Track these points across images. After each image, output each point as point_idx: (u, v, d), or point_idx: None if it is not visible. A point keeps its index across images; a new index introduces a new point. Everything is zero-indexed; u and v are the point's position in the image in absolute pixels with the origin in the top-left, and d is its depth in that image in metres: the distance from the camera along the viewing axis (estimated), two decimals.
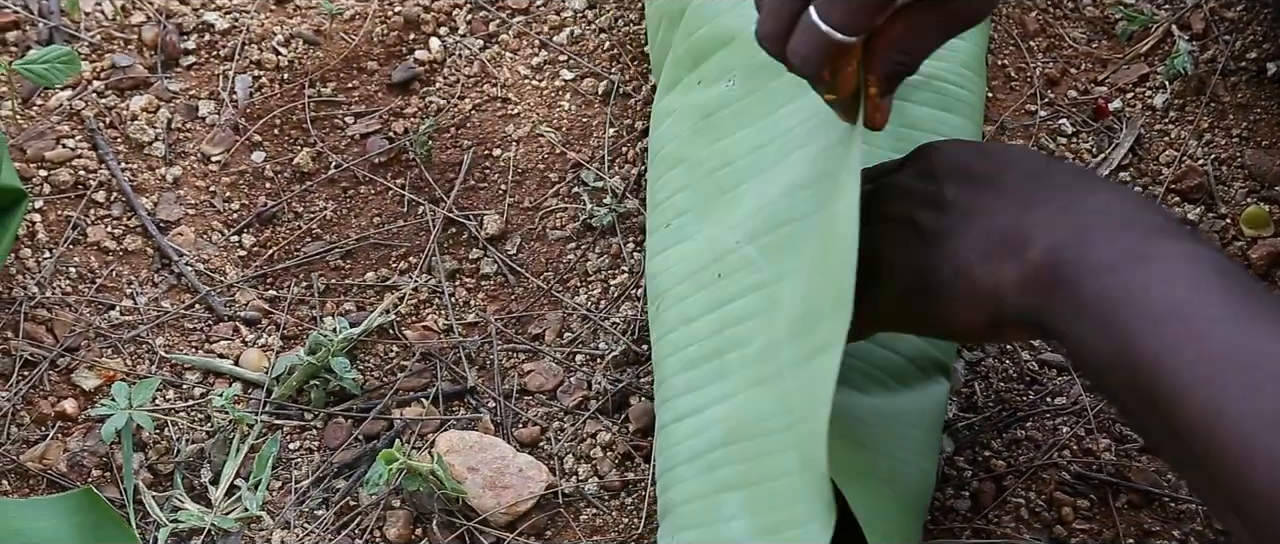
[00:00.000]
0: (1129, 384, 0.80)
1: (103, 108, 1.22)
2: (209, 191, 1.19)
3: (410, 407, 1.10)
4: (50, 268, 1.15)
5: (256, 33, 1.25)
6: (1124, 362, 0.80)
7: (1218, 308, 0.80)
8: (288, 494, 1.06)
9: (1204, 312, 0.80)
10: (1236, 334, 0.79)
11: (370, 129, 1.21)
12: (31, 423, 1.09)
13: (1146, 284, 0.81)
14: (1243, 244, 1.14)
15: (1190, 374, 0.78)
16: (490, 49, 1.25)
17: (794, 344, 0.92)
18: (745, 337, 0.98)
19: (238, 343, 1.13)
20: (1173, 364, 0.79)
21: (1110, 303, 0.81)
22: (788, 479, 0.90)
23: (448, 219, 1.18)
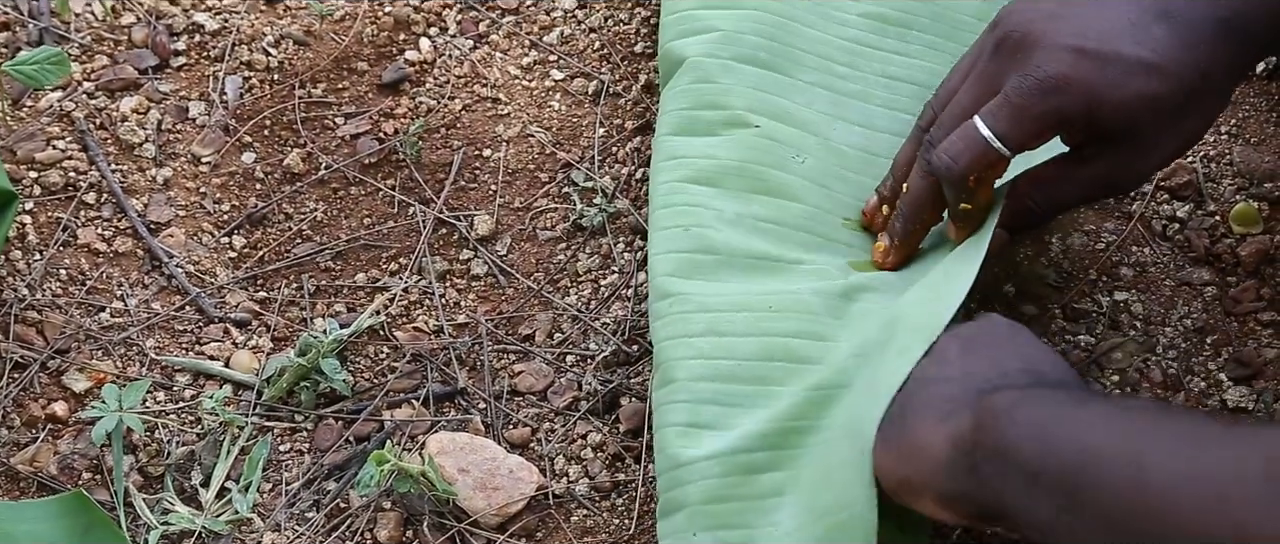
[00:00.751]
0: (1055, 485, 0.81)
1: (93, 109, 1.22)
2: (199, 193, 1.19)
3: (401, 408, 1.10)
4: (40, 269, 1.15)
5: (246, 34, 1.25)
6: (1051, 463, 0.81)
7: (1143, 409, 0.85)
8: (278, 496, 1.06)
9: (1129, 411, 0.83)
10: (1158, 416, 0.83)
11: (360, 130, 1.21)
12: (22, 425, 1.09)
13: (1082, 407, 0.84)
14: (1232, 241, 1.14)
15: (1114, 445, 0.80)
16: (480, 49, 1.25)
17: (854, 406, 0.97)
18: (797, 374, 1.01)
19: (228, 344, 1.13)
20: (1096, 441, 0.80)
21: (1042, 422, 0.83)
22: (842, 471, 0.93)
23: (438, 220, 1.17)
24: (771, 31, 1.15)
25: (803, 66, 1.15)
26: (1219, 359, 1.10)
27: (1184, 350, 1.10)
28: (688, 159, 1.10)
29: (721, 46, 1.14)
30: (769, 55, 1.14)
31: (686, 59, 1.14)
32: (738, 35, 1.15)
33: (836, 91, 1.15)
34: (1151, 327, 1.11)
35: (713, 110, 1.12)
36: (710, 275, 1.06)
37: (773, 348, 1.02)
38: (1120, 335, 1.11)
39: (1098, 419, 0.82)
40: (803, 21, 1.17)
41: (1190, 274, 1.13)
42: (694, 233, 1.07)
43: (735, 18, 1.16)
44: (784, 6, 1.17)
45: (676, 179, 1.10)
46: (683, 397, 1.01)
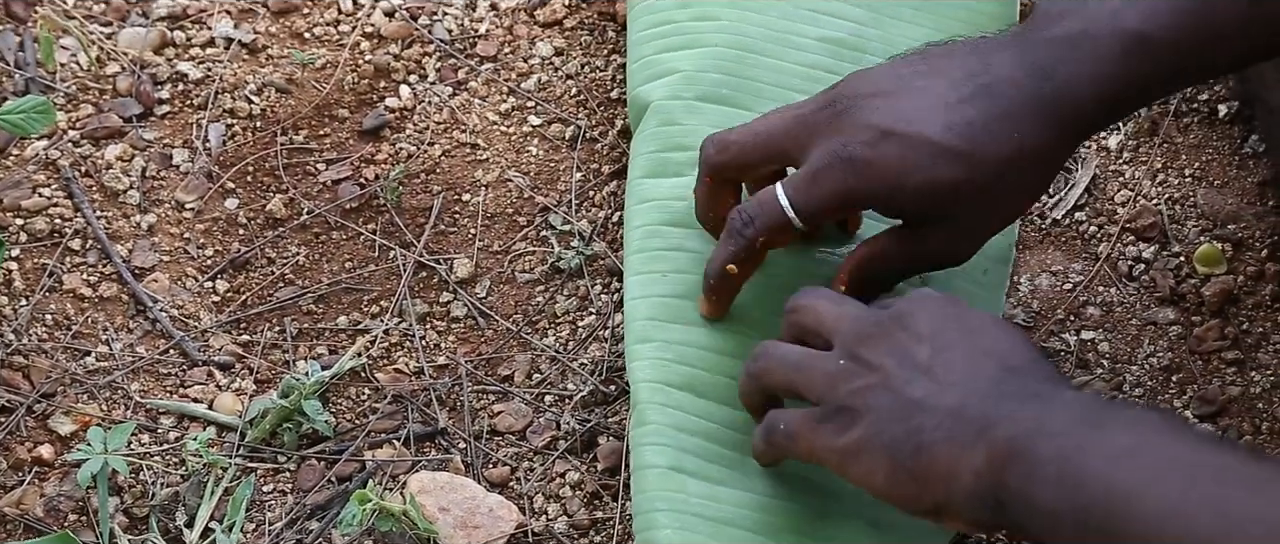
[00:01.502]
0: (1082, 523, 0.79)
1: (78, 157, 1.22)
2: (183, 238, 1.19)
3: (382, 448, 1.10)
4: (26, 315, 1.14)
5: (229, 82, 1.25)
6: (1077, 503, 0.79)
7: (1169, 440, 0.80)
8: (262, 536, 1.06)
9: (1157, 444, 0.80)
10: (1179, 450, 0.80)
11: (342, 175, 1.21)
12: (8, 468, 1.09)
13: (1101, 436, 0.81)
14: (1196, 282, 1.14)
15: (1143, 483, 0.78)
16: (459, 96, 1.25)
17: None
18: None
19: (212, 387, 1.12)
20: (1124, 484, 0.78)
21: (1064, 456, 0.80)
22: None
23: (418, 263, 1.17)
24: (730, 67, 1.16)
25: (762, 98, 1.14)
26: (1184, 397, 1.10)
27: (1150, 388, 1.10)
28: (661, 201, 1.11)
29: (684, 87, 1.15)
30: (730, 90, 1.15)
31: (652, 103, 1.15)
32: (699, 74, 1.15)
33: None
34: (1118, 365, 1.11)
35: (680, 151, 1.12)
36: (689, 321, 1.06)
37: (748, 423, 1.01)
38: (1088, 374, 1.11)
39: (1123, 456, 0.79)
40: (761, 52, 1.17)
41: (1156, 314, 1.13)
42: (671, 278, 1.08)
43: (695, 56, 1.16)
44: (742, 39, 1.17)
45: (652, 223, 1.10)
46: (664, 440, 1.01)
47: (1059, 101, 0.94)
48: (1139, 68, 0.94)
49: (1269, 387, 1.10)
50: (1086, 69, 0.94)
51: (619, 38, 1.26)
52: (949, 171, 0.94)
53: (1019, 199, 0.99)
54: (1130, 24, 0.94)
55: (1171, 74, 0.96)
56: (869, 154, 0.95)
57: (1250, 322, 1.13)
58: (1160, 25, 0.93)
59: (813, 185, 0.97)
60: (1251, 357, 1.11)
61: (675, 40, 1.18)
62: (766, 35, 1.18)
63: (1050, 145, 0.96)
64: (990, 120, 0.94)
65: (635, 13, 1.21)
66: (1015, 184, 0.97)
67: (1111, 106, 0.96)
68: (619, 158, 1.21)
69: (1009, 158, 0.95)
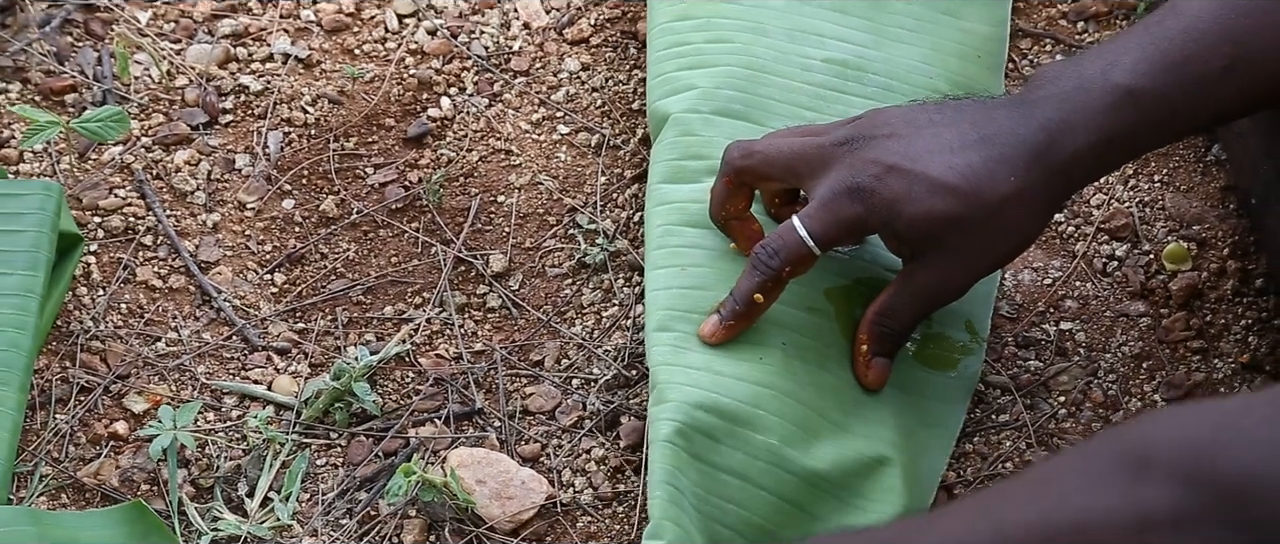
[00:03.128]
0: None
1: (150, 161, 1.22)
2: (245, 235, 1.20)
3: (424, 426, 1.10)
4: (103, 304, 1.15)
5: (287, 94, 1.25)
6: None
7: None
8: (315, 505, 1.07)
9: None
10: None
11: (388, 179, 1.22)
12: (87, 443, 1.10)
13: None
14: (1164, 277, 1.15)
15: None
16: (495, 107, 1.25)
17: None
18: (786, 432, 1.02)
19: (270, 370, 1.13)
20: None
21: None
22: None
23: (457, 258, 1.18)
24: (744, 84, 1.16)
25: (773, 114, 1.15)
26: (1153, 382, 1.11)
27: (1123, 374, 1.11)
28: (679, 204, 1.11)
29: (701, 102, 1.15)
30: (743, 106, 1.15)
31: (671, 115, 1.15)
32: (714, 91, 1.15)
33: None
34: (1094, 353, 1.12)
35: (696, 160, 1.12)
36: (704, 311, 1.05)
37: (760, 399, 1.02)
38: (1066, 361, 1.11)
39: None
40: (771, 72, 1.17)
41: (1128, 307, 1.14)
42: (689, 272, 1.07)
43: (711, 75, 1.16)
44: (754, 60, 1.17)
45: (671, 223, 1.10)
46: (681, 418, 1.00)
47: (1053, 149, 0.96)
48: (1127, 120, 0.96)
49: (1230, 372, 1.10)
50: (1079, 120, 0.95)
51: (640, 54, 1.26)
52: (945, 205, 0.96)
53: (1012, 239, 0.99)
54: (1120, 79, 0.95)
55: (1157, 125, 0.97)
56: (875, 185, 0.97)
57: (1213, 314, 1.13)
58: (1146, 81, 0.95)
59: (825, 213, 0.98)
60: (1214, 345, 1.12)
61: (692, 60, 1.18)
62: (776, 57, 1.18)
63: (1044, 190, 0.97)
64: (990, 163, 0.96)
65: (654, 34, 1.21)
66: (1010, 224, 0.98)
67: (1103, 154, 0.97)
68: (640, 163, 1.21)
69: (1005, 198, 0.96)
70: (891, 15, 1.22)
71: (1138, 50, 0.96)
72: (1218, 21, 0.95)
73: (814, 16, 1.21)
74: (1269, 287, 1.14)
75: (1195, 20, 0.95)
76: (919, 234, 0.97)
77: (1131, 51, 0.96)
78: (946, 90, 1.18)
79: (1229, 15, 0.95)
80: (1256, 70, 0.95)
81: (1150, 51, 0.95)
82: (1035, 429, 1.08)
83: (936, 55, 1.21)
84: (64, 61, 1.27)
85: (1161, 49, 0.95)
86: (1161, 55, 0.95)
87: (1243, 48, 0.94)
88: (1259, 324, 1.12)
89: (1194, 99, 0.96)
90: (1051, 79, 0.98)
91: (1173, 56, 0.95)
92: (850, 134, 1.00)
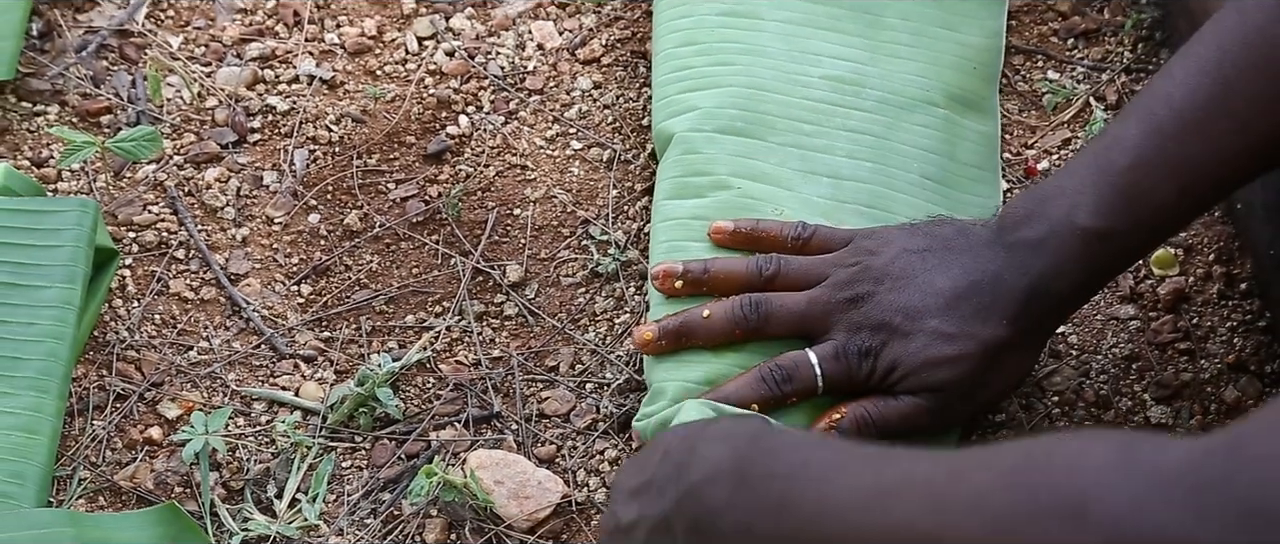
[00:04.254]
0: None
1: (182, 178, 1.23)
2: (272, 248, 1.20)
3: (445, 429, 1.10)
4: (138, 315, 1.15)
5: (312, 113, 1.26)
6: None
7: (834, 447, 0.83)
8: (341, 506, 1.07)
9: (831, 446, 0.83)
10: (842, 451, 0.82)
11: (409, 194, 1.22)
12: (123, 448, 1.10)
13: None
14: (1153, 282, 1.15)
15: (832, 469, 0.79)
16: (511, 124, 1.26)
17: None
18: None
19: (298, 377, 1.13)
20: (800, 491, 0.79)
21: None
22: None
23: (475, 269, 1.18)
24: (745, 103, 1.16)
25: (774, 130, 1.15)
26: (1143, 382, 1.10)
27: (1113, 375, 1.11)
28: (682, 221, 1.11)
29: (704, 122, 1.15)
30: (744, 124, 1.15)
31: (675, 135, 1.15)
32: (717, 110, 1.15)
33: (805, 148, 1.15)
34: (1085, 354, 1.12)
35: (699, 177, 1.12)
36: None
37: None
38: (1058, 362, 1.11)
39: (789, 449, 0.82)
40: (772, 90, 1.17)
41: (1118, 310, 1.14)
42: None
43: (714, 95, 1.16)
44: (755, 80, 1.17)
45: (675, 239, 1.10)
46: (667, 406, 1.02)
47: (1038, 295, 0.98)
48: (1101, 260, 0.98)
49: (1216, 373, 1.10)
50: (1052, 265, 0.98)
51: (649, 73, 1.26)
52: (941, 352, 0.98)
53: (1007, 379, 1.01)
54: (1087, 223, 0.97)
55: (1129, 254, 1.01)
56: (881, 350, 1.00)
57: (1200, 316, 1.13)
58: (1111, 221, 0.97)
59: (836, 364, 1.00)
60: (1201, 347, 1.12)
61: (695, 83, 1.18)
62: (776, 76, 1.18)
63: (1034, 333, 1.00)
64: (981, 310, 0.98)
65: (658, 60, 1.21)
66: (1003, 366, 1.00)
67: (1080, 291, 1.00)
68: (649, 178, 1.20)
69: (1000, 344, 0.98)
70: (888, 31, 1.23)
71: (1094, 191, 0.97)
72: (1160, 152, 0.96)
73: (812, 37, 1.21)
74: (1253, 289, 1.14)
75: (1139, 155, 0.96)
76: (920, 381, 0.99)
77: (1088, 192, 0.97)
78: (941, 103, 1.19)
79: (1167, 144, 0.96)
80: (1205, 186, 0.97)
81: (1107, 193, 0.97)
82: (1031, 428, 1.08)
83: (933, 68, 1.21)
84: (99, 84, 1.28)
85: (1117, 188, 0.97)
86: (1118, 195, 0.96)
87: (1187, 170, 0.96)
88: (1244, 326, 1.12)
89: (1155, 228, 0.99)
90: (1022, 222, 0.99)
91: (1130, 193, 0.96)
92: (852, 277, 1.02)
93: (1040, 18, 1.30)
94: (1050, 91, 1.25)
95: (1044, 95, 1.26)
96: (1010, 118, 1.25)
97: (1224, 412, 1.09)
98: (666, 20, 1.23)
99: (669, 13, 1.23)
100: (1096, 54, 1.28)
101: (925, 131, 1.17)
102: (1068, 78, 1.27)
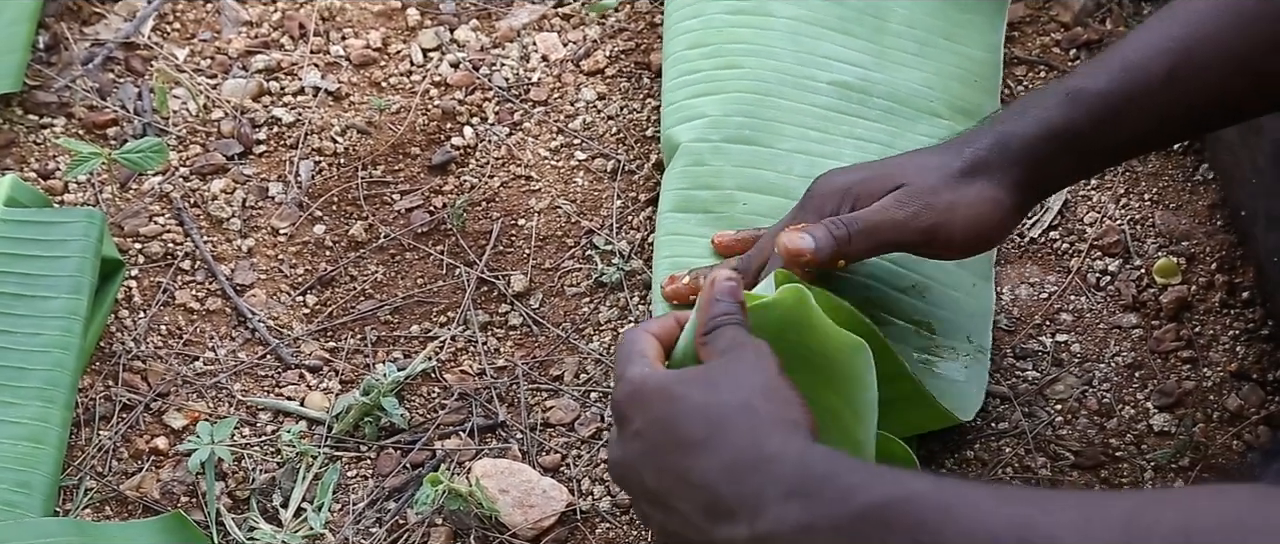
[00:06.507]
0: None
1: (188, 190, 1.23)
2: (278, 259, 1.20)
3: (450, 439, 1.10)
4: (144, 326, 1.15)
5: (317, 125, 1.26)
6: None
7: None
8: (346, 515, 1.06)
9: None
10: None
11: (414, 204, 1.22)
12: (129, 457, 1.10)
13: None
14: (1155, 291, 1.15)
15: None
16: (515, 135, 1.26)
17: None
18: None
19: (303, 387, 1.13)
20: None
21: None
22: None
23: (480, 279, 1.18)
24: (752, 109, 1.16)
25: (782, 136, 1.15)
26: (1145, 390, 1.10)
27: (1116, 383, 1.11)
28: (685, 235, 1.11)
29: (711, 131, 1.15)
30: (752, 131, 1.15)
31: (681, 145, 1.15)
32: (724, 118, 1.15)
33: (811, 154, 1.15)
34: (1088, 363, 1.11)
35: (706, 190, 1.13)
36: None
37: None
38: (1062, 370, 1.11)
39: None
40: (779, 95, 1.17)
41: (1120, 319, 1.14)
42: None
43: (721, 102, 1.16)
44: (762, 84, 1.17)
45: (677, 255, 1.10)
46: None
47: (1007, 138, 1.00)
48: (1073, 116, 0.99)
49: (1218, 381, 1.10)
50: (1030, 114, 1.00)
51: (653, 83, 1.26)
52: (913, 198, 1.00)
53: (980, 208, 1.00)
54: (1069, 82, 1.00)
55: (1102, 124, 0.99)
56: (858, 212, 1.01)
57: (1202, 325, 1.13)
58: (1089, 81, 0.99)
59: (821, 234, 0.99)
60: (1204, 355, 1.11)
61: (703, 87, 1.18)
62: (783, 79, 1.18)
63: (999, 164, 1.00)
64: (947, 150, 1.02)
65: (668, 63, 1.21)
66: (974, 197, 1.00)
67: (1054, 144, 0.99)
68: (653, 188, 1.21)
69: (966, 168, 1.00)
70: (893, 38, 1.23)
71: (1093, 61, 1.01)
72: (1162, 34, 0.98)
73: (820, 39, 1.21)
74: (1255, 298, 1.13)
75: (1141, 32, 1.00)
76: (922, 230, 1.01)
77: (1088, 62, 1.01)
78: (945, 114, 1.19)
79: (1173, 28, 0.98)
80: (1195, 79, 0.97)
81: (1097, 60, 1.00)
82: (1033, 436, 1.08)
83: (938, 79, 1.21)
84: (106, 97, 1.28)
85: (1106, 56, 1.00)
86: (1104, 61, 0.99)
87: (1183, 57, 0.97)
88: (1246, 334, 1.12)
89: (1137, 102, 0.98)
90: (1020, 98, 1.03)
91: (1114, 62, 0.99)
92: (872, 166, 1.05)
93: (1042, 29, 1.30)
94: None
95: None
96: None
97: (1226, 419, 1.08)
98: (676, 21, 1.23)
99: (679, 14, 1.23)
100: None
101: (930, 142, 1.17)
102: None
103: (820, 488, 0.78)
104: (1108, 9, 1.30)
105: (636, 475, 0.85)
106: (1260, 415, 1.08)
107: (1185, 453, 1.07)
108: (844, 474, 0.78)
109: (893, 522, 0.75)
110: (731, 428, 0.82)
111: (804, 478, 0.78)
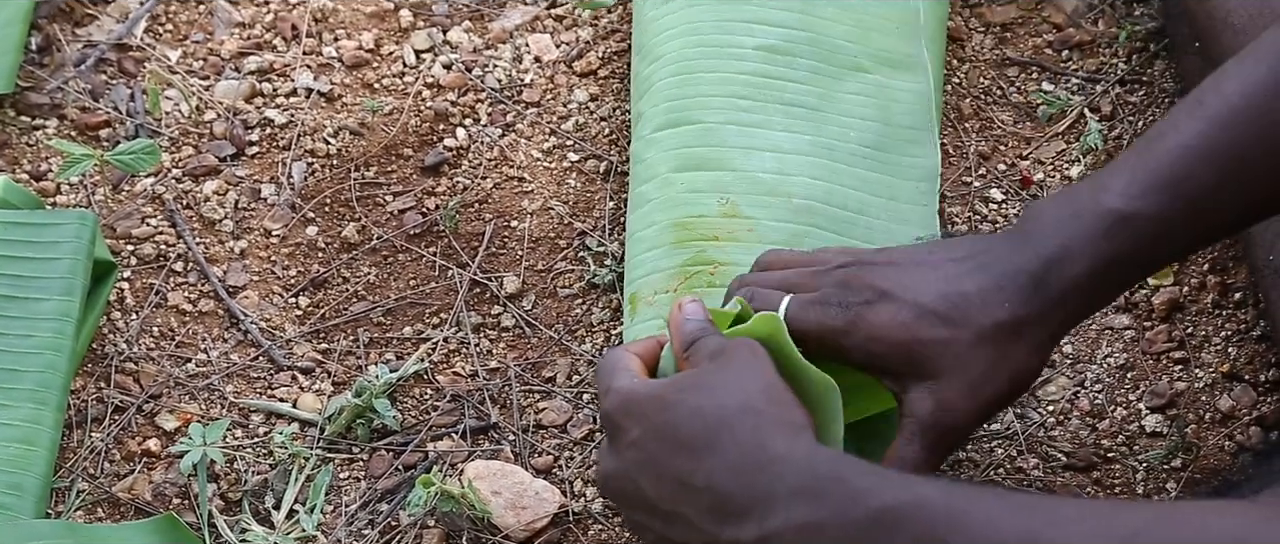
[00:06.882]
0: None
1: (180, 191, 1.23)
2: (270, 261, 1.20)
3: (442, 440, 1.10)
4: (136, 328, 1.15)
5: (310, 126, 1.26)
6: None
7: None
8: (339, 517, 1.06)
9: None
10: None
11: (407, 206, 1.22)
12: (122, 459, 1.10)
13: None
14: (1147, 292, 1.15)
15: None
16: (507, 137, 1.25)
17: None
18: None
19: (295, 388, 1.13)
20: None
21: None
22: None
23: (473, 281, 1.18)
24: (677, 91, 1.16)
25: (711, 109, 1.15)
26: (1137, 391, 1.10)
27: (1108, 384, 1.11)
28: (638, 235, 1.12)
29: (645, 128, 1.16)
30: (680, 113, 1.15)
31: (633, 153, 1.17)
32: (654, 111, 1.16)
33: (743, 125, 1.14)
34: (1080, 364, 1.11)
35: (647, 183, 1.14)
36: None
37: None
38: (1053, 371, 1.11)
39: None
40: (705, 69, 1.16)
41: (1112, 320, 1.14)
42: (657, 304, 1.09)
43: (652, 97, 1.17)
44: (686, 63, 1.17)
45: (634, 253, 1.12)
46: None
47: (1050, 278, 0.89)
48: (1123, 244, 0.89)
49: (1210, 382, 1.10)
50: (1076, 247, 0.89)
51: None
52: (931, 331, 0.89)
53: (1011, 367, 0.91)
54: (1112, 204, 0.89)
55: (1154, 247, 0.91)
56: (864, 309, 0.90)
57: (1194, 326, 1.13)
58: (1139, 203, 0.89)
59: (809, 311, 0.92)
60: (1195, 356, 1.11)
61: (640, 91, 1.19)
62: (707, 52, 1.17)
63: (1041, 320, 0.90)
64: (983, 291, 0.89)
65: (632, 81, 1.22)
66: (1007, 352, 0.90)
67: (1100, 281, 0.91)
68: None
69: (999, 325, 0.89)
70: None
71: (1127, 173, 0.90)
72: (1206, 140, 0.89)
73: (744, 2, 1.20)
74: (1247, 299, 1.13)
75: (1183, 141, 0.89)
76: (901, 357, 0.90)
77: (1122, 175, 0.90)
78: (870, 66, 1.18)
79: (1217, 133, 0.89)
80: (1247, 186, 0.90)
81: (1140, 174, 0.90)
82: (1025, 437, 1.08)
83: (859, 31, 1.20)
84: (98, 98, 1.27)
85: (1151, 170, 0.89)
86: (1151, 176, 0.89)
87: (1232, 164, 0.89)
88: (1238, 335, 1.12)
89: (1188, 218, 0.90)
90: (1044, 209, 0.92)
91: (1163, 177, 0.89)
92: (850, 258, 0.95)
93: (1035, 30, 1.30)
94: (1045, 103, 1.25)
95: (1039, 106, 1.26)
96: (1005, 129, 1.25)
97: (1218, 420, 1.08)
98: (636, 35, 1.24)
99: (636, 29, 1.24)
100: (1091, 66, 1.28)
101: (859, 99, 1.17)
102: (1062, 89, 1.27)
103: (829, 489, 0.78)
104: (1100, 10, 1.31)
105: (634, 486, 0.85)
106: (1252, 416, 1.08)
107: (1177, 454, 1.07)
108: (853, 477, 0.78)
109: (902, 527, 0.76)
110: (734, 429, 0.81)
111: (813, 479, 0.79)
